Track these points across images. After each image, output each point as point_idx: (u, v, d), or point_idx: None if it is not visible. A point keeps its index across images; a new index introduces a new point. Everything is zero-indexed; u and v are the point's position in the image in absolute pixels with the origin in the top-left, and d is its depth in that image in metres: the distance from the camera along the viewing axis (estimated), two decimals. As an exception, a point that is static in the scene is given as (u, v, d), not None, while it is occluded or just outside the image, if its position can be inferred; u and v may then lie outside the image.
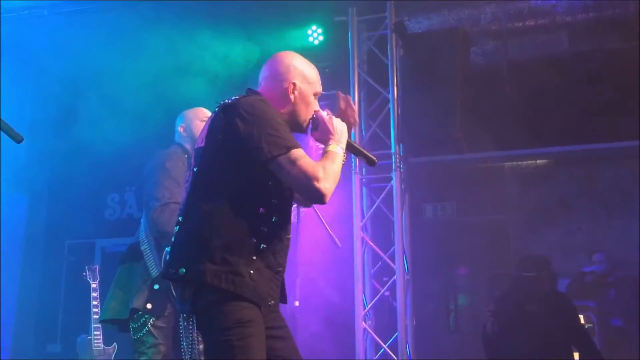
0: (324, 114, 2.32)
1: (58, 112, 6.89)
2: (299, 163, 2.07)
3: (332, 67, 5.51)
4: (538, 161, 6.31)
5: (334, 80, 5.76)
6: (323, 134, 2.26)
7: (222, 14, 5.47)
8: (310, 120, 2.32)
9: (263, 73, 2.36)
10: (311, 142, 2.49)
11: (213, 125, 2.19)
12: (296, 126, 2.32)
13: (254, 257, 2.08)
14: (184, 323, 2.10)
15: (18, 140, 1.97)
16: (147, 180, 3.57)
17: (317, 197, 2.09)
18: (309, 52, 2.39)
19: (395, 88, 5.26)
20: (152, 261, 3.41)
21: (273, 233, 2.15)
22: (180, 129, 3.75)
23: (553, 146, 6.02)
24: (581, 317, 4.74)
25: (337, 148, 2.21)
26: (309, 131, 2.34)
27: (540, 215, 6.02)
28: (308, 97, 2.33)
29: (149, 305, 3.34)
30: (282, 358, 2.18)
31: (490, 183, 6.11)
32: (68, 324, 6.23)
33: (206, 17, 5.54)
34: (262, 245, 2.10)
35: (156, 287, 3.35)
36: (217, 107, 2.20)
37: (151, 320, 3.34)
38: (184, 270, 2.05)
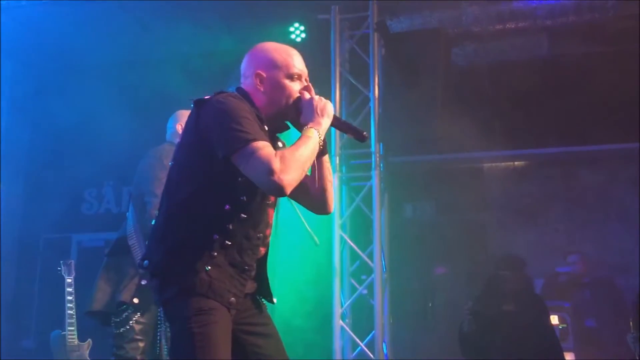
0: (307, 95, 2.20)
1: (36, 104, 6.80)
2: (255, 155, 1.96)
3: (314, 65, 5.50)
4: (516, 163, 6.38)
5: (315, 78, 5.77)
6: (306, 117, 2.15)
7: (204, 9, 5.44)
8: (293, 104, 2.21)
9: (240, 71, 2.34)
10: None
11: (188, 121, 2.19)
12: (282, 115, 2.22)
13: (215, 254, 2.04)
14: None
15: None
16: (143, 176, 3.55)
17: (274, 190, 1.98)
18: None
19: (376, 87, 5.27)
20: (139, 256, 3.41)
21: (240, 231, 2.08)
22: (177, 127, 3.73)
23: (531, 148, 6.09)
24: (555, 317, 4.80)
25: (313, 132, 2.09)
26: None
27: (518, 216, 6.08)
28: (279, 81, 2.21)
29: (135, 300, 3.36)
30: (266, 356, 2.16)
31: (469, 183, 6.16)
32: (42, 319, 6.16)
33: (189, 11, 5.51)
34: (226, 242, 2.06)
35: (143, 282, 3.37)
36: (192, 103, 2.18)
37: (135, 315, 3.34)
38: (147, 262, 2.10)
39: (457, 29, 5.35)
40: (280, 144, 2.32)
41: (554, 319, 4.76)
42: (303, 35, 5.70)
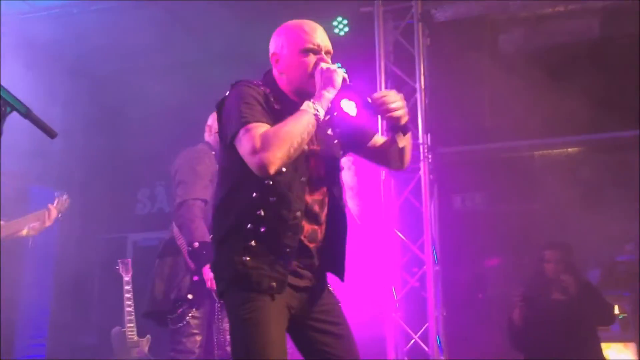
0: (324, 65, 2.14)
1: (88, 109, 7.00)
2: (243, 137, 1.99)
3: (358, 58, 5.49)
4: (569, 149, 6.20)
5: (360, 71, 5.75)
6: (315, 89, 2.13)
7: (246, 8, 5.49)
8: (311, 77, 2.17)
9: None
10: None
11: (217, 122, 2.27)
12: (304, 93, 2.17)
13: (252, 243, 2.06)
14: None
15: (52, 135, 2.02)
16: (174, 178, 3.65)
17: (256, 168, 1.97)
18: (334, 45, 2.32)
19: (422, 78, 5.22)
20: (188, 255, 3.49)
21: (272, 215, 2.07)
22: (206, 127, 3.79)
23: (584, 134, 5.91)
24: (615, 306, 4.68)
25: (308, 105, 2.06)
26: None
27: (572, 204, 5.92)
28: (291, 58, 2.19)
29: (189, 296, 3.47)
30: (334, 356, 2.15)
31: (520, 172, 6.02)
32: (103, 316, 6.35)
33: (231, 11, 5.57)
34: (260, 229, 2.06)
35: (195, 278, 3.46)
36: (216, 106, 2.25)
37: (191, 311, 3.42)
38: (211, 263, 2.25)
39: (504, 15, 5.24)
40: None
41: (615, 309, 4.63)
42: (346, 29, 5.68)
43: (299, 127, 2.00)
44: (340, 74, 2.12)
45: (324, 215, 2.21)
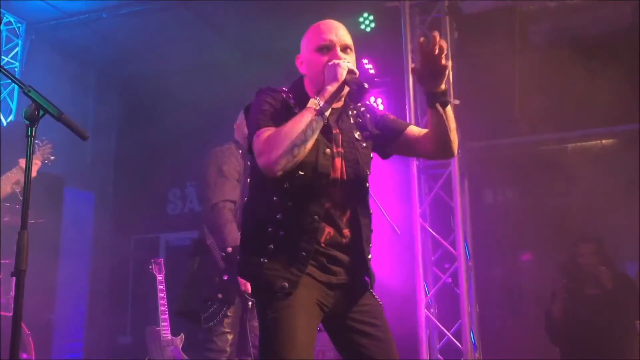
0: (333, 62, 2.13)
1: (120, 111, 7.11)
2: (254, 142, 2.08)
3: (385, 53, 5.46)
4: (604, 141, 6.07)
5: (387, 67, 5.72)
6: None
7: (272, 8, 5.50)
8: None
9: None
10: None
11: None
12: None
13: (271, 246, 2.09)
14: None
15: (84, 137, 2.05)
16: (202, 178, 3.67)
17: (265, 172, 2.03)
18: (361, 40, 2.31)
19: (450, 72, 5.16)
20: (218, 253, 3.52)
21: (290, 219, 2.10)
22: (235, 125, 3.82)
23: (619, 125, 5.77)
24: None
25: (311, 102, 2.06)
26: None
27: (607, 198, 5.79)
28: (309, 58, 2.22)
29: (220, 295, 3.49)
30: (369, 356, 2.13)
31: (553, 165, 5.92)
32: (137, 315, 6.44)
33: (258, 11, 5.59)
34: (279, 232, 2.09)
35: (225, 277, 3.48)
36: (244, 111, 2.31)
37: (222, 310, 3.46)
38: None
39: (533, 5, 5.15)
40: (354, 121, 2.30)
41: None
42: (372, 25, 5.65)
43: (300, 124, 2.01)
44: (344, 66, 2.11)
45: (346, 218, 2.20)
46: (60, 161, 4.41)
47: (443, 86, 2.16)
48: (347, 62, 2.13)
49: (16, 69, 6.13)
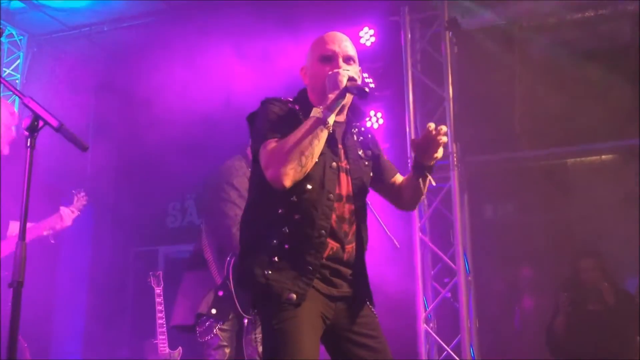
0: (334, 72, 2.15)
1: (120, 123, 7.11)
2: (261, 153, 2.08)
3: (386, 67, 5.48)
4: (603, 156, 6.08)
5: (388, 80, 5.73)
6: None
7: (272, 20, 5.53)
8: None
9: None
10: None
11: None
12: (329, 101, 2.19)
13: (275, 259, 2.07)
14: None
15: (84, 148, 2.05)
16: (215, 192, 3.61)
17: (273, 184, 2.02)
18: (361, 54, 2.33)
19: (450, 86, 5.18)
20: (215, 269, 3.51)
21: (297, 233, 2.09)
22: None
23: (618, 140, 5.78)
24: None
25: (314, 111, 2.07)
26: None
27: (607, 212, 5.79)
28: (312, 68, 2.26)
29: (213, 311, 3.48)
30: None
31: (553, 180, 5.92)
32: (136, 328, 6.40)
33: (257, 22, 5.61)
34: (284, 245, 2.08)
35: (220, 293, 3.48)
36: (247, 120, 2.29)
37: (218, 324, 3.46)
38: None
39: (533, 21, 5.18)
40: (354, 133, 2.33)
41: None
42: (373, 38, 5.68)
43: (304, 134, 2.02)
44: (343, 74, 2.12)
45: (352, 233, 2.21)
46: (60, 173, 4.42)
47: (432, 162, 2.22)
48: (346, 71, 2.15)
49: (17, 81, 6.15)
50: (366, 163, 2.32)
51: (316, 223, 2.09)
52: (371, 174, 2.35)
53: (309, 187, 2.08)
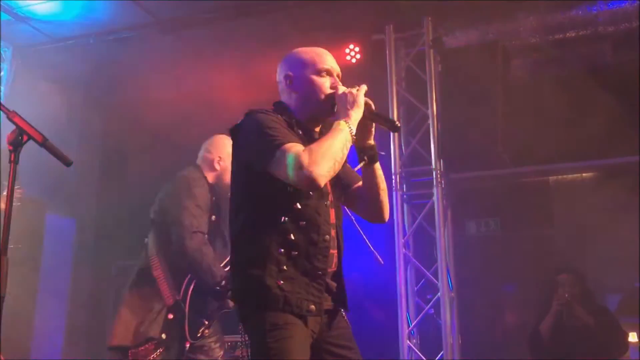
0: (342, 89, 2.20)
1: (105, 137, 7.08)
2: (285, 156, 1.98)
3: (371, 84, 5.52)
4: (584, 174, 6.16)
5: (373, 98, 5.77)
6: (339, 111, 2.15)
7: (255, 37, 5.56)
8: (327, 99, 2.22)
9: None
10: None
11: (232, 150, 2.27)
12: (318, 113, 2.24)
13: (284, 267, 2.06)
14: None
15: (68, 163, 2.05)
16: (169, 203, 3.51)
17: (306, 183, 1.97)
18: (346, 71, 2.37)
19: (434, 104, 5.24)
20: (166, 288, 3.38)
21: (303, 239, 2.09)
22: (205, 154, 3.69)
23: (599, 159, 5.87)
24: (634, 334, 4.60)
25: (342, 124, 2.08)
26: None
27: (588, 230, 5.85)
28: (308, 78, 2.25)
29: (163, 336, 3.32)
30: None
31: (535, 197, 5.99)
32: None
33: (242, 37, 5.64)
34: (292, 252, 2.07)
35: (170, 316, 3.34)
36: (230, 131, 2.24)
37: (158, 350, 3.30)
38: (231, 292, 2.22)
39: (515, 40, 5.25)
40: None
41: (633, 336, 4.55)
42: (359, 56, 5.73)
43: (339, 144, 2.03)
44: (361, 97, 2.17)
45: (334, 238, 2.23)
46: (43, 187, 4.37)
47: (372, 141, 2.23)
48: (357, 89, 2.19)
49: (0, 94, 6.10)
50: (354, 169, 2.37)
51: (321, 228, 2.12)
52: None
53: (312, 193, 2.10)
